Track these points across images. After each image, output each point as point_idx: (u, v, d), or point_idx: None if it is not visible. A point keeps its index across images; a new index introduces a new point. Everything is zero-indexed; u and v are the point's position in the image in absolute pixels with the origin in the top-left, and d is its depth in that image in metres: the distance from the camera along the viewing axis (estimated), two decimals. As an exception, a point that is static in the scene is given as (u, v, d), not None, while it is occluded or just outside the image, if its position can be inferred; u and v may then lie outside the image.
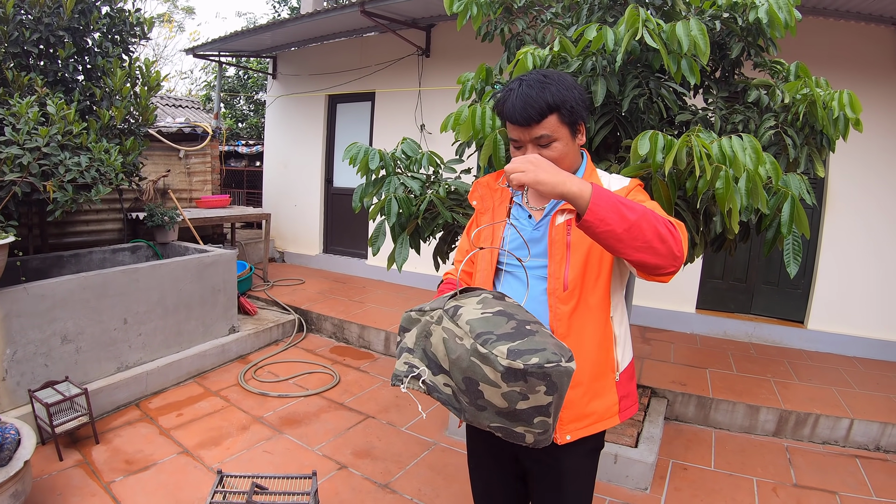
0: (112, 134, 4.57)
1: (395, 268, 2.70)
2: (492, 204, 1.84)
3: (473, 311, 1.37)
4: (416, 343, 1.49)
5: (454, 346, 1.33)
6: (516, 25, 3.44)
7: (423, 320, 1.48)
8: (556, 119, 1.57)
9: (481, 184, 1.91)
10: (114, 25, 4.66)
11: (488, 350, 1.25)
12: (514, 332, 1.28)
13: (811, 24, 5.24)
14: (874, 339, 5.48)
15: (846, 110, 2.62)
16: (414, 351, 1.49)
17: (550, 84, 1.57)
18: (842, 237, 5.54)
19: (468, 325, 1.32)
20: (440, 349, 1.39)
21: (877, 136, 5.24)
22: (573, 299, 1.64)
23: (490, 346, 1.25)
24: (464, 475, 3.42)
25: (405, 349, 1.51)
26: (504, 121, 1.68)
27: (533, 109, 1.55)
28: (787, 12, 2.58)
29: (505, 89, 1.65)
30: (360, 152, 2.63)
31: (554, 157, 1.60)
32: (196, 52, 8.55)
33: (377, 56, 7.64)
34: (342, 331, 5.85)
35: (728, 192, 1.97)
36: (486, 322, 1.31)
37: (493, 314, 1.34)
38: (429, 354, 1.45)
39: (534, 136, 1.59)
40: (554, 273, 1.65)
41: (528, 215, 1.75)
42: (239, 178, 11.24)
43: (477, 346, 1.27)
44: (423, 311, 1.49)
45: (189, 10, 22.77)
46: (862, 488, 3.52)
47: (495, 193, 1.85)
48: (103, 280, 4.04)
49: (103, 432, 3.70)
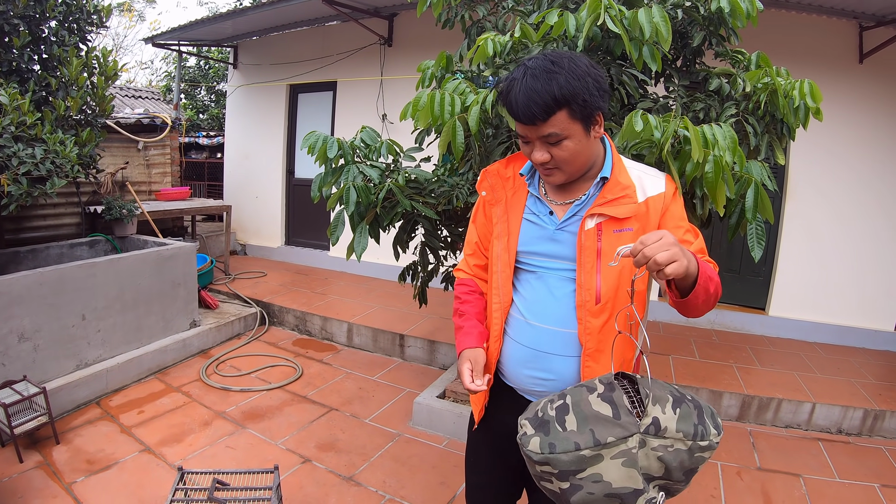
0: (68, 125, 4.46)
1: (357, 259, 2.66)
2: (504, 195, 1.69)
3: (668, 417, 1.31)
4: (633, 479, 1.30)
5: (672, 456, 1.30)
6: (477, 12, 3.42)
7: (620, 450, 1.29)
8: (566, 115, 1.39)
9: (490, 172, 1.76)
10: (70, 13, 4.54)
11: (709, 441, 1.32)
12: (698, 412, 1.34)
13: (774, 16, 5.29)
14: (835, 324, 5.59)
15: (807, 99, 2.63)
16: (644, 490, 1.31)
17: (559, 73, 1.37)
18: (802, 224, 5.63)
19: (679, 432, 1.30)
20: (654, 466, 1.31)
21: (839, 126, 5.33)
22: (605, 313, 1.53)
23: (708, 437, 1.32)
24: (428, 465, 3.42)
25: (629, 492, 1.30)
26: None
27: (538, 106, 1.37)
28: (749, 2, 2.59)
29: (508, 78, 1.46)
30: (318, 141, 2.59)
31: (564, 157, 1.46)
32: (155, 41, 8.36)
33: (339, 45, 7.55)
34: (305, 323, 5.79)
35: (718, 176, 1.98)
36: (684, 420, 1.32)
37: (680, 408, 1.33)
38: (646, 478, 1.34)
39: (541, 135, 1.43)
40: (585, 283, 1.53)
41: (549, 211, 1.61)
42: (200, 169, 11.02)
43: (698, 444, 1.31)
44: (603, 445, 1.28)
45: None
46: (825, 470, 3.59)
47: (507, 183, 1.70)
48: (60, 275, 3.93)
49: (64, 432, 3.61)
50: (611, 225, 1.52)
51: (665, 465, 1.30)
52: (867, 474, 3.57)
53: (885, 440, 4.04)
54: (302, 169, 8.33)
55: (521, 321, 1.63)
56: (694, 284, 1.31)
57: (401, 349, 5.21)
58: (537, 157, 1.48)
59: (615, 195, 1.53)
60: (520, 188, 1.67)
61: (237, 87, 8.80)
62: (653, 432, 1.29)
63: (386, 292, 6.55)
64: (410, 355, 5.17)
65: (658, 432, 1.29)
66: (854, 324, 5.57)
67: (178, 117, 7.54)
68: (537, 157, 1.48)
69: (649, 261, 1.20)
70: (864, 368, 4.90)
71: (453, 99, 2.30)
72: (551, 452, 1.29)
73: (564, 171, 1.52)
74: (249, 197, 8.78)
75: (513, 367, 1.66)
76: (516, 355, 1.65)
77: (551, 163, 1.49)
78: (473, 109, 2.18)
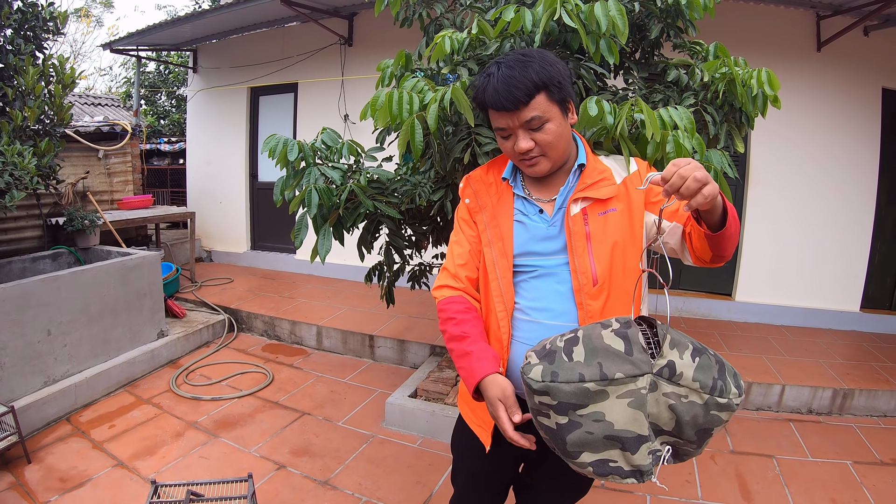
0: (26, 135, 4.36)
1: (321, 261, 2.64)
2: (489, 201, 1.68)
3: (685, 364, 1.24)
4: (638, 423, 1.24)
5: (685, 408, 1.23)
6: (435, 10, 3.40)
7: (628, 389, 1.23)
8: (545, 98, 1.45)
9: (473, 178, 1.75)
10: (26, 21, 4.41)
11: (728, 399, 1.23)
12: (719, 366, 1.26)
13: (732, 6, 5.37)
14: (801, 307, 5.70)
15: (764, 87, 2.66)
16: (649, 438, 1.25)
17: (532, 61, 1.44)
18: (765, 211, 5.73)
19: (696, 382, 1.23)
20: (664, 416, 1.24)
21: (799, 114, 5.44)
22: (603, 294, 1.53)
23: (727, 395, 1.23)
24: (403, 465, 3.41)
25: (632, 437, 1.24)
26: (485, 111, 1.55)
27: (519, 91, 1.41)
28: (707, -6, 2.62)
29: (482, 75, 1.51)
30: (278, 144, 2.56)
31: (549, 141, 1.49)
32: (113, 46, 8.20)
33: (299, 46, 7.48)
34: (273, 328, 5.74)
35: (680, 154, 1.99)
36: (703, 371, 1.24)
37: (700, 358, 1.26)
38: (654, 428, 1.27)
39: (524, 120, 1.46)
40: (580, 268, 1.53)
41: (539, 210, 1.61)
42: (162, 176, 10.85)
43: (715, 399, 1.23)
44: (610, 380, 1.22)
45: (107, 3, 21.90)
46: (797, 450, 3.67)
47: (490, 188, 1.69)
48: (23, 290, 3.84)
49: (35, 450, 3.53)
50: (595, 208, 1.55)
51: (676, 417, 1.23)
52: (839, 452, 3.65)
53: (856, 418, 4.14)
54: (265, 172, 8.24)
55: (528, 321, 1.61)
56: (724, 213, 1.31)
57: (371, 350, 5.19)
58: (522, 146, 1.49)
59: (594, 179, 1.57)
60: (504, 193, 1.67)
61: (197, 92, 8.67)
62: (666, 375, 1.23)
63: (353, 293, 6.53)
64: (381, 356, 5.15)
65: (672, 377, 1.23)
66: (820, 306, 5.68)
67: (139, 124, 7.44)
68: (522, 146, 1.49)
69: (686, 181, 1.16)
70: (831, 349, 5.00)
71: (411, 97, 2.28)
72: (552, 381, 1.24)
73: (549, 157, 1.54)
74: (213, 202, 8.66)
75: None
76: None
77: (536, 150, 1.51)
78: (432, 108, 2.17)
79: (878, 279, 5.80)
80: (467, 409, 1.79)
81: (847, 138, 5.52)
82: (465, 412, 1.80)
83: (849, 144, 5.52)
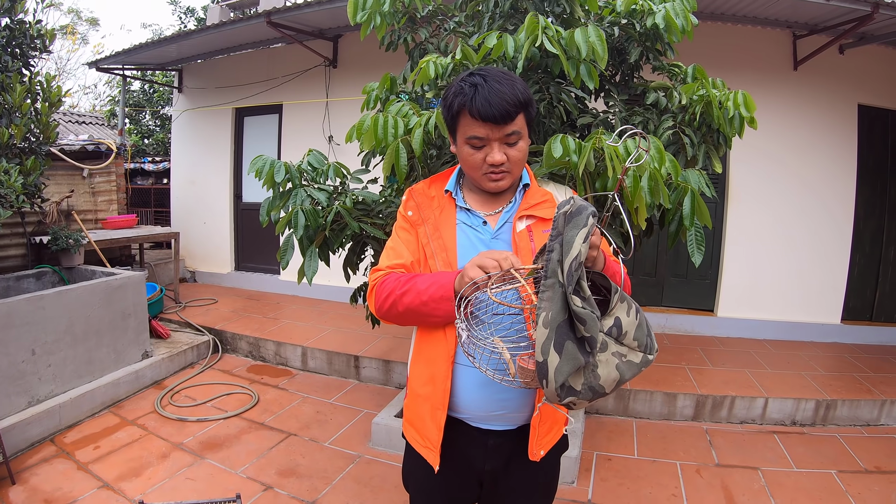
0: (12, 153, 4.35)
1: (308, 282, 2.66)
2: (431, 214, 1.66)
3: (629, 321, 1.23)
4: (577, 380, 1.17)
5: (625, 368, 1.20)
6: (420, 35, 3.45)
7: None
8: (523, 118, 1.50)
9: (416, 191, 1.73)
10: (14, 38, 4.41)
11: (654, 356, 1.27)
12: (647, 322, 1.29)
13: (710, 27, 5.47)
14: (782, 321, 5.78)
15: (741, 109, 2.74)
16: (581, 392, 1.17)
17: (515, 80, 1.49)
18: (745, 227, 5.82)
19: (635, 341, 1.23)
20: (610, 378, 1.18)
21: (777, 131, 5.55)
22: None
23: (654, 352, 1.27)
24: (390, 485, 3.41)
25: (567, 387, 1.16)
26: (457, 117, 1.53)
27: (510, 105, 1.44)
28: (684, 18, 2.69)
29: (465, 83, 1.49)
30: (265, 165, 2.59)
31: (518, 158, 1.54)
32: (99, 65, 8.20)
33: (285, 67, 7.52)
34: (258, 349, 5.72)
35: (636, 189, 2.04)
36: (639, 328, 1.25)
37: (635, 314, 1.25)
38: (595, 388, 1.18)
39: (505, 134, 1.48)
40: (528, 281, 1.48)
41: (483, 221, 1.62)
42: (146, 196, 10.78)
43: (648, 357, 1.25)
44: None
45: (93, 21, 21.78)
46: (782, 461, 3.71)
47: (432, 202, 1.68)
48: (7, 310, 3.82)
49: (19, 472, 3.49)
50: (540, 226, 1.59)
51: (616, 379, 1.20)
52: (824, 462, 3.71)
53: (839, 428, 4.20)
54: (250, 193, 8.23)
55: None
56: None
57: (356, 371, 5.19)
58: (497, 158, 1.51)
59: (537, 200, 1.63)
60: (447, 206, 1.67)
61: (182, 112, 8.67)
62: (616, 336, 1.22)
63: (339, 314, 6.53)
64: (366, 376, 5.15)
65: (619, 338, 1.22)
66: (801, 319, 5.77)
67: (123, 143, 7.42)
68: (497, 158, 1.51)
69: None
70: (813, 361, 5.08)
71: (396, 122, 2.33)
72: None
73: (512, 174, 1.58)
74: (197, 223, 8.62)
75: (468, 393, 1.56)
76: (471, 379, 1.54)
77: (505, 165, 1.53)
78: (416, 132, 2.21)
79: (858, 291, 5.90)
80: (412, 431, 1.68)
81: (825, 153, 5.63)
82: (410, 436, 1.69)
83: (827, 159, 5.63)
